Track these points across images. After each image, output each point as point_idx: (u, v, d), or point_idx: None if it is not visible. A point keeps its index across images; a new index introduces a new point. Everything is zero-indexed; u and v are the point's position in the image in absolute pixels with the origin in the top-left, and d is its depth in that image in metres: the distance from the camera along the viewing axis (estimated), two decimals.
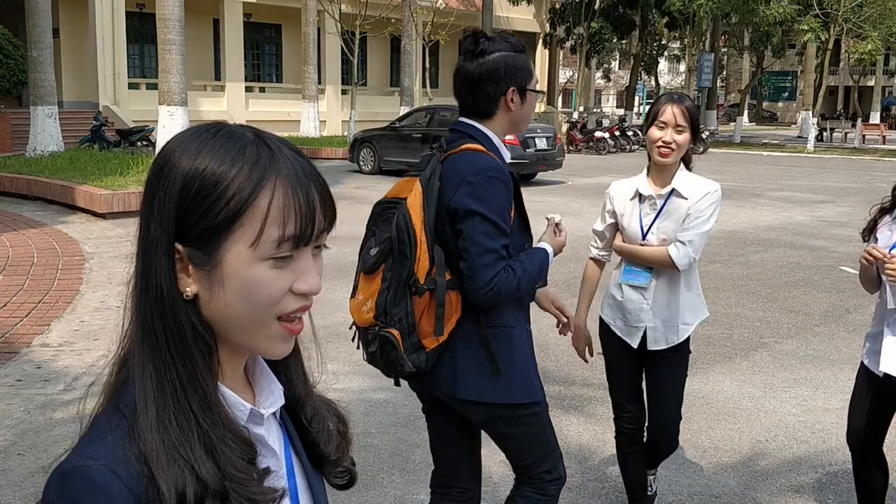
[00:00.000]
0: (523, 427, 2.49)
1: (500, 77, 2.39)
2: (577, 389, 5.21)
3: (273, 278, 0.87)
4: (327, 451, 1.05)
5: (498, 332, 2.39)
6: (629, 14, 36.06)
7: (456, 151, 2.38)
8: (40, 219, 11.31)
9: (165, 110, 14.29)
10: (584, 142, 27.26)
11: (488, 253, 2.26)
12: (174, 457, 0.82)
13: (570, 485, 3.91)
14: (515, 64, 2.42)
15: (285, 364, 1.02)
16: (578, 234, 11.12)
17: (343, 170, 19.07)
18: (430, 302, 2.31)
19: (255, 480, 0.87)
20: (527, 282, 2.35)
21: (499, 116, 2.44)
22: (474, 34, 2.45)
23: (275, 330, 0.90)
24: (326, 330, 6.22)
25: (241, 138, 0.88)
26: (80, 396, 4.91)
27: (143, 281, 0.88)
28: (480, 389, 2.37)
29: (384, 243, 2.36)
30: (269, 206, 0.86)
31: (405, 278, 2.31)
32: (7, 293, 7.14)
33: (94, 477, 0.81)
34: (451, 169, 2.35)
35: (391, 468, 4.03)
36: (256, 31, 29.51)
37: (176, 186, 0.86)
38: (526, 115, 2.50)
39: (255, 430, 0.94)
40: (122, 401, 0.88)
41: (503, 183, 2.33)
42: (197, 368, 0.87)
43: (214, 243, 0.86)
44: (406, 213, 2.32)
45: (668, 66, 70.28)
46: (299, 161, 0.90)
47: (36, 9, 16.41)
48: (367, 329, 2.46)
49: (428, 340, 2.33)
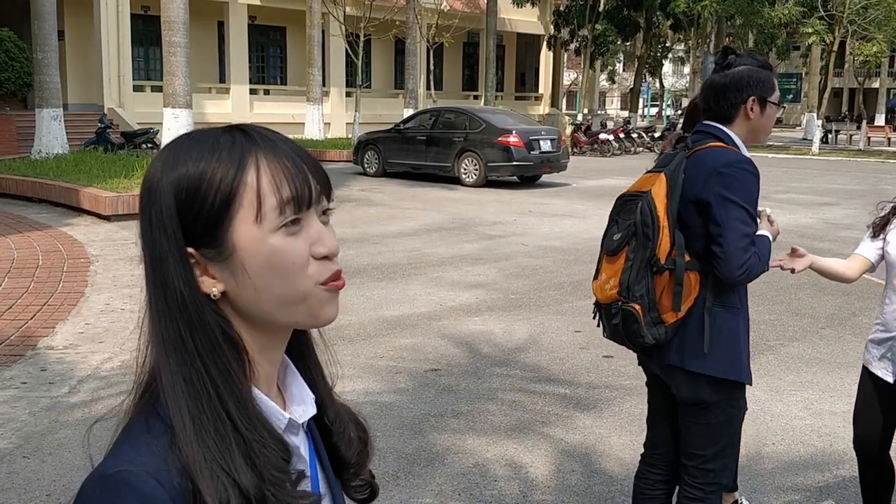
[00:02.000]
0: (718, 413, 2.65)
1: (742, 86, 2.63)
2: (583, 391, 5.20)
3: (290, 244, 0.88)
4: (348, 456, 1.04)
5: (727, 311, 2.61)
6: (633, 16, 36.05)
7: (702, 148, 2.61)
8: (45, 221, 11.32)
9: (170, 112, 14.30)
10: (588, 144, 27.25)
11: (743, 238, 2.49)
12: (216, 471, 0.82)
13: (576, 489, 3.90)
14: (759, 77, 2.64)
15: (306, 367, 1.02)
16: (582, 237, 11.14)
17: (347, 172, 19.08)
18: (670, 280, 2.56)
19: (291, 482, 0.88)
20: (763, 265, 2.57)
21: (738, 123, 2.66)
22: (724, 50, 2.73)
23: (320, 294, 0.91)
24: (332, 332, 6.17)
25: (212, 133, 0.91)
26: (85, 399, 4.91)
27: (161, 295, 0.88)
28: (701, 361, 2.58)
29: (627, 228, 2.64)
30: (257, 178, 0.87)
31: (647, 259, 2.58)
32: (12, 295, 7.15)
33: (138, 483, 0.80)
34: (699, 163, 2.58)
35: (396, 471, 4.03)
36: (261, 34, 29.53)
37: (168, 196, 0.87)
38: (763, 126, 2.69)
39: (292, 441, 0.93)
40: (161, 408, 0.87)
41: (753, 175, 2.55)
42: (231, 368, 0.87)
43: (220, 232, 0.87)
44: (650, 201, 2.59)
45: (673, 68, 70.24)
46: (276, 135, 0.92)
47: (41, 11, 16.44)
48: (609, 305, 2.71)
49: (667, 315, 2.58)
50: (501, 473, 4.01)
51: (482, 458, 4.19)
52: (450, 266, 8.96)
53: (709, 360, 2.58)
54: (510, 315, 7.00)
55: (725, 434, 2.69)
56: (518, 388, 5.26)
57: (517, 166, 16.95)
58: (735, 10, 30.52)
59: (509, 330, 6.56)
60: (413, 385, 5.25)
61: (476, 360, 5.82)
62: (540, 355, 5.93)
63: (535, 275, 8.61)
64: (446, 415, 4.76)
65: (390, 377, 5.39)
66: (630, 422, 4.71)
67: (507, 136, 16.77)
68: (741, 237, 2.49)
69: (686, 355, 2.60)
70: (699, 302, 2.58)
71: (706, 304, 2.58)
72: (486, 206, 14.10)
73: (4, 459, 4.09)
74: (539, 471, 4.08)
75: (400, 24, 26.65)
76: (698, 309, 2.58)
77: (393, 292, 7.70)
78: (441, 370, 5.56)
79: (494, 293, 7.77)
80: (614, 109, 72.38)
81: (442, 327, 6.59)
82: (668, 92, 62.46)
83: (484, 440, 4.42)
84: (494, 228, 11.72)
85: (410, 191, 16.21)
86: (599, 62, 42.64)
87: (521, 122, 18.25)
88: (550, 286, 8.05)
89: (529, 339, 6.33)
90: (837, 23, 30.14)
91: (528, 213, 13.44)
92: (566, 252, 9.92)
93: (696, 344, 2.58)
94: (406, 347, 6.05)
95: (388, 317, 6.86)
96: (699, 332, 2.57)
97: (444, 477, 3.98)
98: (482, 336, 6.37)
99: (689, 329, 2.59)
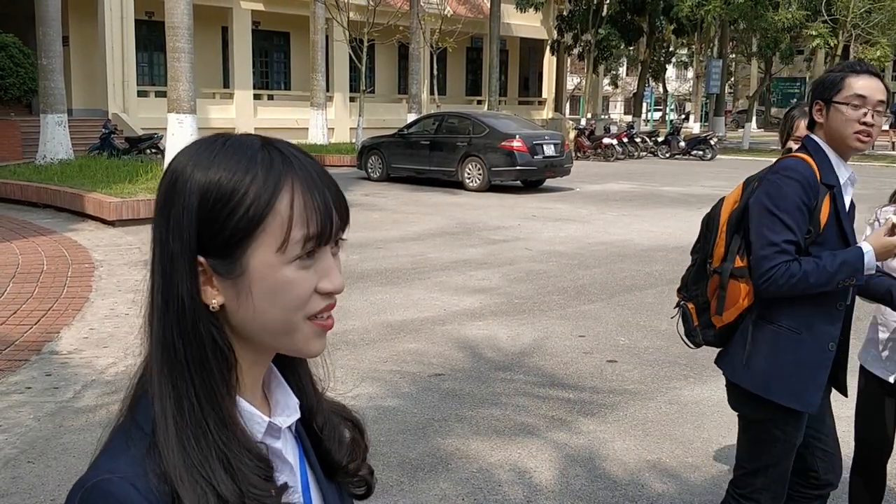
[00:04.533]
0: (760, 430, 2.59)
1: (812, 93, 2.61)
2: (587, 396, 5.19)
3: (301, 279, 0.88)
4: (339, 460, 1.05)
5: (777, 328, 2.50)
6: (637, 20, 36.03)
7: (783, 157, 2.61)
8: (50, 226, 11.34)
9: (174, 118, 14.33)
10: (592, 148, 27.21)
11: (769, 246, 2.41)
12: (195, 477, 0.83)
13: (581, 493, 3.89)
14: (824, 80, 2.56)
15: (295, 374, 1.03)
16: (586, 241, 11.14)
17: (351, 177, 19.09)
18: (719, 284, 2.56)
19: (272, 497, 0.87)
20: (817, 279, 2.38)
21: (817, 130, 2.58)
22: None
23: (308, 330, 0.91)
24: (336, 337, 6.22)
25: (250, 146, 0.89)
26: (90, 404, 4.91)
27: (163, 297, 0.88)
28: (740, 373, 2.55)
29: (701, 228, 2.69)
30: (291, 208, 0.86)
31: (703, 259, 2.63)
32: (17, 300, 7.16)
33: (116, 491, 0.82)
34: (768, 170, 2.58)
35: (400, 476, 4.02)
36: (265, 39, 29.58)
37: (193, 200, 0.86)
38: (839, 130, 2.49)
39: (273, 444, 0.93)
40: (141, 416, 0.88)
41: (799, 183, 2.43)
42: (214, 385, 0.88)
43: (238, 251, 0.86)
44: (720, 205, 2.63)
45: (676, 72, 70.21)
46: (310, 162, 0.91)
47: (45, 17, 16.49)
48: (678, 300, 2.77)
49: (715, 319, 2.59)
50: (505, 478, 4.00)
51: (486, 463, 4.19)
52: (453, 270, 8.96)
53: (746, 373, 2.54)
54: (514, 319, 6.99)
55: (766, 454, 2.60)
56: (522, 393, 5.25)
57: (521, 171, 16.96)
58: (739, 15, 30.49)
59: (513, 334, 6.55)
60: (417, 390, 5.25)
61: (480, 364, 5.81)
62: (544, 360, 5.93)
63: (538, 279, 8.60)
64: (450, 419, 4.76)
65: (394, 382, 5.39)
66: (633, 426, 4.70)
67: (511, 140, 16.78)
68: (765, 245, 2.42)
69: (729, 364, 2.60)
70: (747, 312, 2.54)
71: (753, 316, 2.53)
72: (490, 211, 14.10)
73: (9, 464, 4.10)
74: (543, 475, 4.08)
75: (403, 29, 26.68)
76: (746, 320, 2.54)
77: (396, 297, 7.71)
78: (445, 375, 5.56)
79: (498, 298, 7.77)
80: (617, 114, 72.36)
81: (446, 332, 6.59)
82: (671, 96, 62.42)
83: (488, 445, 4.42)
84: (498, 233, 11.72)
85: (414, 195, 16.22)
86: (603, 67, 42.69)
87: (524, 127, 18.27)
88: (554, 291, 8.05)
89: (533, 343, 6.33)
90: (841, 27, 30.13)
91: (532, 217, 13.44)
92: (570, 256, 9.92)
93: (739, 354, 2.55)
94: (410, 352, 6.05)
95: (392, 321, 6.86)
96: (743, 343, 2.54)
97: (448, 482, 3.98)
98: (486, 340, 6.37)
99: (736, 338, 2.58)
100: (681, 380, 5.52)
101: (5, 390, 5.11)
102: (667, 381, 5.49)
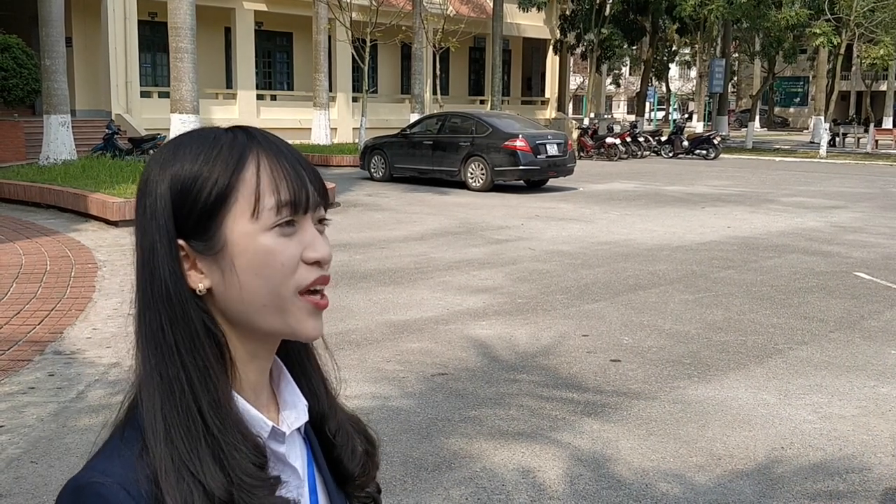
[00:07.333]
0: None
1: None
2: (591, 396, 5.18)
3: (282, 246, 0.87)
4: (351, 469, 1.03)
5: None
6: (640, 20, 36.01)
7: None
8: (53, 227, 11.35)
9: (177, 118, 14.34)
10: (595, 148, 27.22)
11: None
12: (182, 474, 0.82)
13: (585, 493, 3.88)
14: None
15: (307, 377, 1.02)
16: (590, 240, 11.13)
17: (354, 177, 19.09)
18: None
19: (264, 488, 0.86)
20: None
21: None
22: None
23: (300, 306, 0.90)
24: (338, 337, 6.22)
25: (213, 130, 0.91)
26: (93, 404, 4.91)
27: (147, 286, 0.88)
28: None
29: None
30: (257, 175, 0.87)
31: None
32: (20, 301, 7.17)
33: (107, 494, 0.81)
34: None
35: (404, 476, 4.02)
36: (268, 40, 29.62)
37: (164, 186, 0.88)
38: None
39: (277, 449, 0.92)
40: (138, 415, 0.87)
41: None
42: (208, 363, 0.87)
43: (214, 225, 0.87)
44: None
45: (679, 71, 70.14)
46: (276, 138, 0.92)
47: (49, 18, 16.51)
48: None
49: None
50: (509, 478, 4.00)
51: (490, 463, 4.18)
52: (457, 270, 8.95)
53: None
54: (517, 319, 6.99)
55: None
56: (526, 393, 5.25)
57: (524, 170, 16.95)
58: (741, 14, 30.45)
59: (517, 334, 6.54)
60: (420, 389, 5.25)
61: (484, 364, 5.81)
62: (547, 359, 5.92)
63: (542, 279, 8.59)
64: (454, 419, 4.76)
65: (398, 381, 5.38)
66: (638, 426, 4.69)
67: (514, 140, 16.77)
68: None
69: None
70: None
71: None
72: (493, 211, 14.10)
73: (12, 464, 4.09)
74: (547, 475, 4.07)
75: (406, 29, 26.69)
76: None
77: (400, 296, 7.70)
78: (449, 374, 5.55)
79: (502, 297, 7.76)
80: (621, 113, 72.32)
81: (449, 331, 6.58)
82: (674, 96, 62.34)
83: (492, 444, 4.41)
84: (501, 233, 11.71)
85: (417, 195, 16.21)
86: (606, 66, 42.63)
87: (527, 127, 18.26)
88: (557, 290, 8.04)
89: (537, 343, 6.32)
90: (845, 25, 30.06)
91: (535, 217, 13.43)
92: (573, 256, 9.91)
93: None
94: (413, 351, 6.04)
95: (396, 321, 6.85)
96: None
97: (452, 481, 3.97)
98: (490, 340, 6.36)
99: None
100: (685, 379, 5.51)
101: (9, 390, 5.11)
102: (671, 381, 5.48)
